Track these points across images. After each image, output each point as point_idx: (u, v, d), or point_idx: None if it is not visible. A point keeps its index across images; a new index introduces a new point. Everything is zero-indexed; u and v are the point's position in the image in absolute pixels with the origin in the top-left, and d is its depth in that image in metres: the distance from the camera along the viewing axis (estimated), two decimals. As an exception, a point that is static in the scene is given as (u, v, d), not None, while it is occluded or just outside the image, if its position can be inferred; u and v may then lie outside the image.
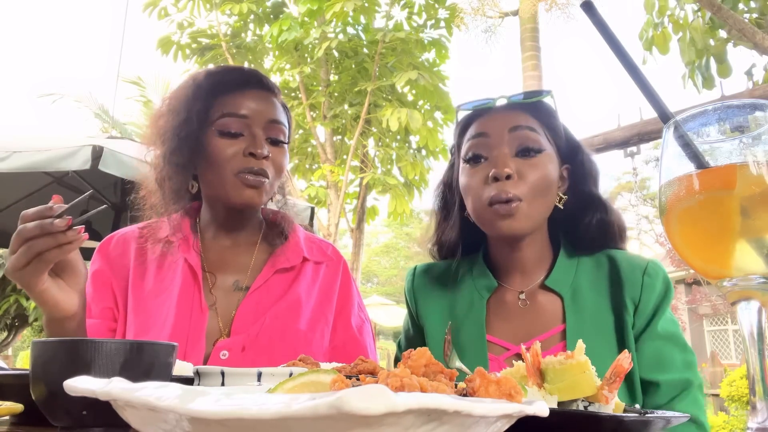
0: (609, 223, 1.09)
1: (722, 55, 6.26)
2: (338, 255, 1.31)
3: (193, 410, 0.31)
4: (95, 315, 1.15)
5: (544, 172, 1.02)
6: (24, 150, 3.30)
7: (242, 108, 1.13)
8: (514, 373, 0.65)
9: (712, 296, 13.70)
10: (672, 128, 0.50)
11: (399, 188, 8.85)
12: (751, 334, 0.46)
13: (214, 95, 1.14)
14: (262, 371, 0.62)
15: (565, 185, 1.11)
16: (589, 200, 1.10)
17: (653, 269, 1.03)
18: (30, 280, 0.88)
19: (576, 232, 1.10)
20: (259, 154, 1.10)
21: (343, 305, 1.26)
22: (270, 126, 1.14)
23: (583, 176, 1.10)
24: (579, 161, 1.11)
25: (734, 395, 4.90)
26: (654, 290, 1.01)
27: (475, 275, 1.14)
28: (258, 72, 1.19)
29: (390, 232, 33.22)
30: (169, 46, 9.07)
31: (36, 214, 0.87)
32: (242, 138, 1.12)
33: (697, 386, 0.98)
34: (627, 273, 1.04)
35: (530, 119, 1.05)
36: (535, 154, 1.02)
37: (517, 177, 1.00)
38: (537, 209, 1.02)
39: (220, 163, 1.10)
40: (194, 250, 1.18)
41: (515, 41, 10.22)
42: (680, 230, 0.49)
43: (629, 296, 1.02)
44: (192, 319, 1.11)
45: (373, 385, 0.29)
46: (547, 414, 0.40)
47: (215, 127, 1.12)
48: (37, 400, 0.56)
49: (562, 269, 1.07)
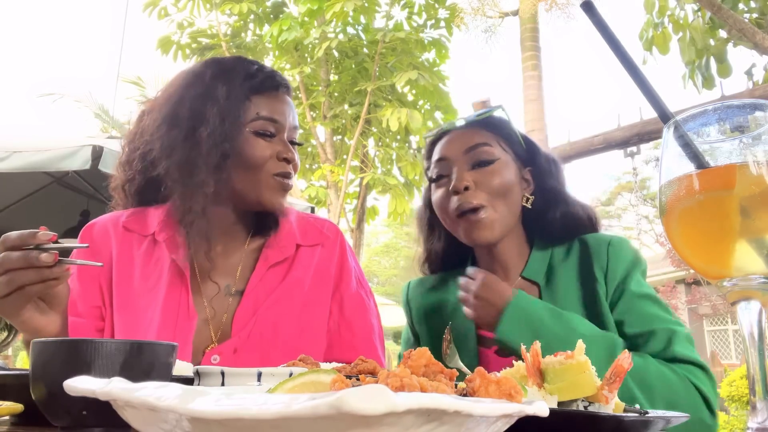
0: (573, 214, 1.19)
1: (722, 55, 6.26)
2: (335, 231, 1.26)
3: (193, 410, 0.31)
4: (82, 313, 1.10)
5: (500, 177, 1.14)
6: (24, 150, 3.30)
7: (277, 112, 1.13)
8: (514, 373, 0.65)
9: (712, 296, 13.69)
10: (672, 128, 0.50)
11: (399, 188, 8.85)
12: (751, 334, 0.46)
13: (250, 94, 1.12)
14: (262, 371, 0.62)
15: (530, 186, 1.22)
16: (552, 196, 1.20)
17: (617, 241, 1.15)
18: (11, 310, 0.85)
19: (545, 226, 1.20)
20: (292, 158, 1.12)
21: (338, 282, 1.21)
22: (293, 131, 1.16)
23: (543, 175, 1.21)
24: (539, 162, 1.22)
25: (734, 395, 4.90)
26: (619, 258, 1.12)
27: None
28: (279, 74, 1.20)
29: (390, 232, 33.20)
30: (169, 46, 9.07)
31: (18, 240, 0.82)
32: (276, 141, 1.12)
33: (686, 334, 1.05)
34: (594, 248, 1.15)
35: (485, 134, 1.18)
36: (489, 164, 1.15)
37: (475, 186, 1.13)
38: (501, 212, 1.14)
39: (258, 164, 1.09)
40: (182, 250, 1.11)
41: (515, 41, 10.23)
42: (680, 230, 0.49)
43: (598, 267, 1.12)
44: (178, 324, 1.06)
45: (373, 385, 0.29)
46: (547, 414, 0.40)
47: (250, 128, 1.10)
48: (37, 400, 0.56)
49: (537, 261, 1.19)
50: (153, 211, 1.16)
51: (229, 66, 1.15)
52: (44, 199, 4.42)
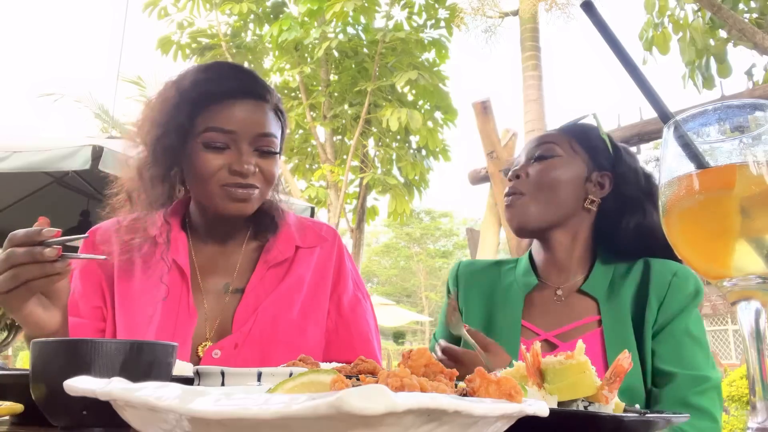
0: (648, 227, 1.15)
1: (722, 55, 6.26)
2: (333, 234, 1.27)
3: (193, 410, 0.31)
4: (84, 314, 1.12)
5: (552, 172, 1.17)
6: (24, 150, 3.31)
7: (230, 122, 1.07)
8: (514, 373, 0.65)
9: (712, 296, 13.69)
10: (672, 128, 0.50)
11: (399, 188, 8.86)
12: (751, 334, 0.46)
13: (200, 106, 1.08)
14: (262, 371, 0.62)
15: (604, 190, 1.20)
16: (629, 204, 1.18)
17: (683, 272, 1.10)
18: (15, 304, 0.88)
19: (614, 236, 1.18)
20: (245, 171, 1.06)
21: (336, 283, 1.23)
22: (258, 139, 1.09)
23: (622, 181, 1.19)
24: (621, 168, 1.20)
25: (734, 395, 4.90)
26: (681, 290, 1.08)
27: (519, 273, 1.26)
28: (250, 78, 1.14)
29: (390, 232, 33.22)
30: (169, 45, 9.08)
31: (24, 237, 0.85)
32: (228, 152, 1.08)
33: (715, 386, 1.01)
34: (656, 274, 1.11)
35: (556, 135, 1.23)
36: (546, 159, 1.19)
37: (527, 176, 1.19)
38: (541, 204, 1.16)
39: (205, 177, 1.07)
40: (183, 251, 1.15)
41: (515, 41, 10.22)
42: (680, 230, 0.49)
43: (654, 295, 1.09)
44: (179, 322, 1.08)
45: (373, 385, 0.29)
46: (547, 414, 0.40)
47: (200, 140, 1.07)
48: (37, 400, 0.56)
49: (599, 276, 1.17)
50: (155, 216, 1.17)
51: (187, 77, 1.12)
52: (44, 199, 4.43)
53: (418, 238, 33.17)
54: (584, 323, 1.13)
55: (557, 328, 1.14)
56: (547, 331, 1.15)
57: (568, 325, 1.13)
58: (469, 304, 1.28)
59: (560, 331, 1.14)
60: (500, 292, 1.25)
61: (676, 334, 1.06)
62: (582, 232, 1.20)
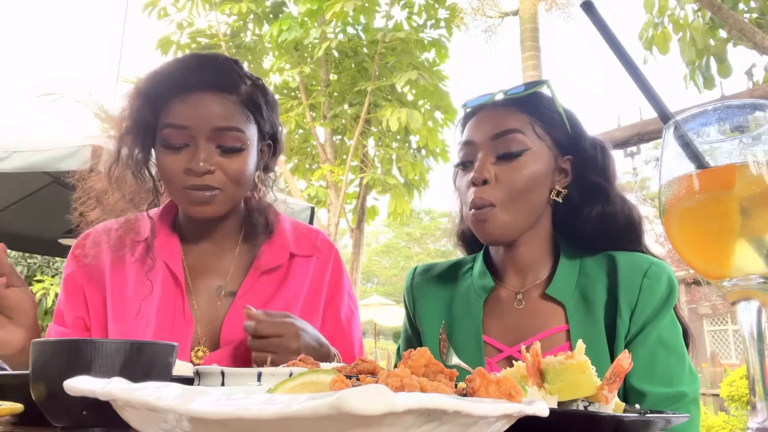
0: (611, 215, 1.03)
1: (722, 55, 6.26)
2: (328, 245, 1.24)
3: (193, 410, 0.31)
4: (68, 324, 1.13)
5: (526, 173, 1.00)
6: (24, 150, 3.30)
7: (181, 117, 1.00)
8: (514, 373, 0.65)
9: (712, 296, 13.70)
10: (672, 128, 0.50)
11: (399, 188, 8.86)
12: (751, 334, 0.46)
13: (158, 102, 1.03)
14: (262, 371, 0.62)
15: (567, 178, 1.06)
16: (591, 191, 1.04)
17: (655, 271, 0.97)
18: None
19: (575, 226, 1.05)
20: (199, 170, 0.99)
21: (332, 297, 1.21)
22: (217, 134, 1.01)
23: (585, 165, 1.05)
24: (582, 150, 1.05)
25: (734, 395, 4.90)
26: (653, 294, 0.96)
27: (475, 275, 1.12)
28: (216, 68, 1.04)
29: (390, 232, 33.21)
30: (168, 46, 9.08)
31: None
32: (186, 150, 1.01)
33: (692, 399, 0.93)
34: (625, 276, 0.98)
35: (520, 117, 1.03)
36: (516, 157, 1.00)
37: (496, 180, 1.00)
38: (514, 214, 1.00)
39: (166, 179, 1.04)
40: (176, 255, 1.12)
41: (515, 41, 10.22)
42: (680, 230, 0.49)
43: (625, 301, 0.97)
44: (175, 328, 1.07)
45: (373, 385, 0.29)
46: (547, 414, 0.40)
47: (159, 139, 1.03)
48: (37, 400, 0.56)
49: (563, 276, 1.03)
50: (145, 216, 1.16)
51: (157, 71, 1.06)
52: (44, 199, 4.43)
53: (418, 238, 33.19)
54: (551, 334, 1.00)
55: (521, 340, 1.00)
56: (510, 345, 1.02)
57: (532, 338, 0.99)
58: (424, 320, 1.14)
59: (524, 344, 0.96)
60: (459, 301, 1.11)
61: (648, 344, 0.94)
62: (543, 228, 1.06)
